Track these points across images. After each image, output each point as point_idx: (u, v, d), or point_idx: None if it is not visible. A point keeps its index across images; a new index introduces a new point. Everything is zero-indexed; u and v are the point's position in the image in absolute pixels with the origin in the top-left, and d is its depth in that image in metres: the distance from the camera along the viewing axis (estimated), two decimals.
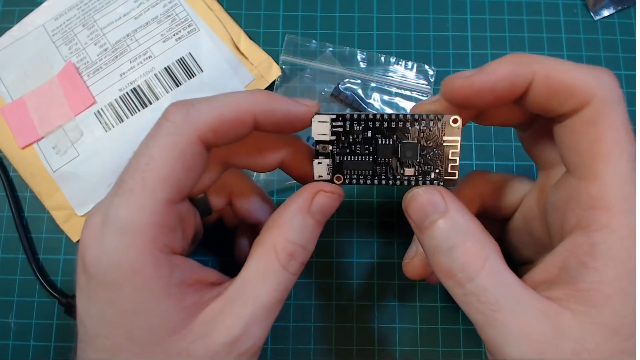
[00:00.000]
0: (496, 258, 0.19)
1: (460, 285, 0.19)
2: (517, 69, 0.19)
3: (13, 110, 0.34)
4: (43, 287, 0.31)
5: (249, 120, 0.20)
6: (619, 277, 0.17)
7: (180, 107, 0.19)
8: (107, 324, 0.18)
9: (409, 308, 0.32)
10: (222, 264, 0.32)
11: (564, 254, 0.18)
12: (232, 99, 0.20)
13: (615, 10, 0.36)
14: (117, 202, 0.18)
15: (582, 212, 0.18)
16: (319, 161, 0.22)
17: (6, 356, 0.31)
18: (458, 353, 0.31)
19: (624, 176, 0.17)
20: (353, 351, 0.31)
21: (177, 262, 0.19)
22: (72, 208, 0.33)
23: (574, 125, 0.19)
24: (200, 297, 0.19)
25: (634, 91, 0.35)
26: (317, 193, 0.21)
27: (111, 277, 0.18)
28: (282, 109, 0.20)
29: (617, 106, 0.18)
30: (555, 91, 0.18)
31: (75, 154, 0.33)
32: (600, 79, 0.18)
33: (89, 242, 0.19)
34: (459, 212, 0.20)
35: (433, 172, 0.21)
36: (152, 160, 0.19)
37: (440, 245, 0.19)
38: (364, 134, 0.22)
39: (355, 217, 0.33)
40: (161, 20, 0.35)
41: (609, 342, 0.17)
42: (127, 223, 0.18)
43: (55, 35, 0.35)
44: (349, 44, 0.36)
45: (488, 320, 0.18)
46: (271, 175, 0.33)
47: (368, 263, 0.32)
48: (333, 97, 0.34)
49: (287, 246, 0.20)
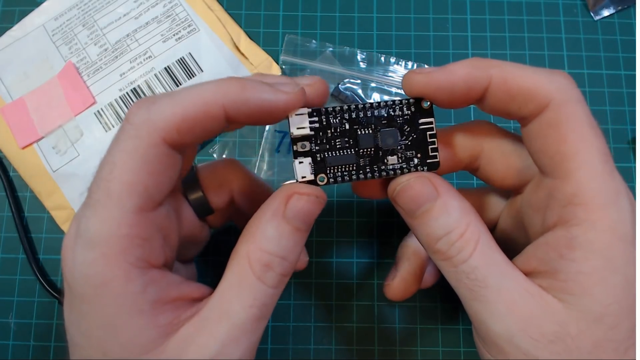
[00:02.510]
0: (486, 238, 0.19)
1: (454, 265, 0.19)
2: (474, 72, 0.19)
3: (13, 110, 0.34)
4: (43, 287, 0.31)
5: (218, 115, 0.18)
6: (598, 268, 0.17)
7: (141, 106, 0.18)
8: (83, 335, 0.18)
9: (409, 308, 0.32)
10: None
11: (544, 247, 0.19)
12: (198, 93, 0.18)
13: (615, 10, 0.36)
14: (87, 213, 0.18)
15: (561, 209, 0.18)
16: (300, 161, 0.20)
17: (6, 356, 0.31)
18: (458, 353, 0.31)
19: (596, 170, 0.18)
20: (353, 351, 0.31)
21: (154, 277, 0.18)
22: (72, 208, 0.33)
23: (537, 129, 0.19)
24: (177, 315, 0.18)
25: (633, 91, 0.35)
26: (290, 196, 0.19)
27: (82, 289, 0.17)
28: (256, 98, 0.18)
29: (576, 105, 0.18)
30: (513, 95, 0.19)
31: (75, 154, 0.33)
32: (557, 81, 0.19)
33: (64, 253, 0.18)
34: (450, 196, 0.20)
35: (415, 157, 0.21)
36: (115, 168, 0.17)
37: (435, 232, 0.20)
38: (341, 126, 0.21)
39: (355, 217, 0.33)
40: (161, 20, 0.35)
41: (593, 329, 0.17)
42: (95, 235, 0.17)
43: (55, 35, 0.35)
44: (349, 44, 0.36)
45: (475, 295, 0.18)
46: (271, 176, 0.33)
47: (368, 263, 0.32)
48: (333, 97, 0.34)
49: (261, 256, 0.18)
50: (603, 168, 0.18)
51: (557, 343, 0.17)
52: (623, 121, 0.35)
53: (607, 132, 0.34)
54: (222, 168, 0.25)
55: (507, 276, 0.18)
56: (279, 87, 0.19)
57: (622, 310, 0.17)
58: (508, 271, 0.19)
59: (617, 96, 0.35)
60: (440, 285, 0.28)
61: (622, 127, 0.34)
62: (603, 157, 0.18)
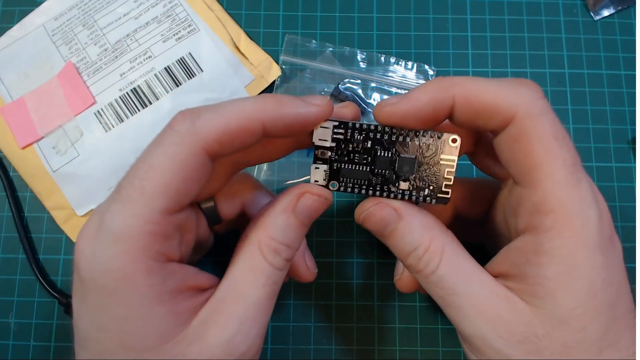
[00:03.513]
0: (451, 248, 0.21)
1: (425, 277, 0.21)
2: (436, 95, 0.20)
3: (13, 110, 0.34)
4: (43, 287, 0.31)
5: (257, 129, 0.20)
6: (561, 273, 0.18)
7: (187, 117, 0.19)
8: (100, 329, 0.18)
9: (409, 308, 0.32)
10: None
11: (514, 252, 0.20)
12: (239, 108, 0.19)
13: (615, 10, 0.36)
14: (114, 208, 0.18)
15: (529, 217, 0.19)
16: (317, 166, 0.22)
17: (6, 356, 0.31)
18: (458, 353, 0.31)
19: (562, 181, 0.18)
20: (353, 351, 0.31)
21: (172, 269, 0.19)
22: (72, 208, 0.33)
23: (505, 141, 0.20)
24: (193, 302, 0.19)
25: (633, 91, 0.35)
26: (303, 194, 0.21)
27: (103, 282, 0.18)
28: (292, 113, 0.20)
29: (541, 117, 0.19)
30: (477, 111, 0.20)
31: (75, 154, 0.33)
32: (521, 94, 0.19)
33: (83, 246, 0.19)
34: (412, 215, 0.21)
35: (427, 188, 0.22)
36: (152, 169, 0.18)
37: (403, 249, 0.21)
38: (364, 143, 0.22)
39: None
40: (161, 20, 0.35)
41: (560, 331, 0.18)
42: (121, 230, 0.18)
43: (55, 35, 0.35)
44: (349, 44, 0.36)
45: (446, 302, 0.20)
46: (271, 176, 0.33)
47: (368, 263, 0.32)
48: (333, 97, 0.34)
49: (271, 243, 0.21)
50: (569, 178, 0.18)
51: (526, 343, 0.18)
52: (623, 121, 0.35)
53: (607, 132, 0.34)
54: (235, 179, 0.25)
55: (474, 281, 0.20)
56: (309, 100, 0.21)
57: (588, 313, 0.18)
58: (475, 276, 0.20)
59: (617, 96, 0.35)
60: None
61: (622, 127, 0.34)
62: (569, 167, 0.19)
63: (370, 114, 0.34)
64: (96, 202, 0.33)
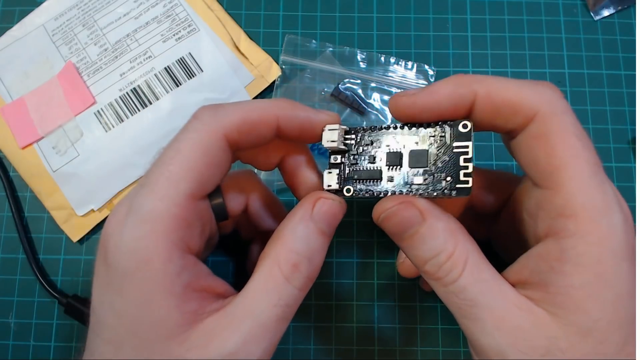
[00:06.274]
0: (475, 257, 0.19)
1: (444, 285, 0.19)
2: (458, 89, 0.19)
3: (13, 110, 0.34)
4: (43, 287, 0.31)
5: (272, 124, 0.21)
6: (588, 282, 0.17)
7: (209, 108, 0.21)
8: (115, 313, 0.19)
9: (409, 308, 0.32)
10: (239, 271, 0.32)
11: (536, 259, 0.19)
12: (258, 103, 0.21)
13: (615, 10, 0.36)
14: (142, 192, 0.19)
15: (551, 221, 0.18)
16: (329, 171, 0.22)
17: (6, 356, 0.31)
18: (458, 353, 0.31)
19: (586, 183, 0.18)
20: (353, 351, 0.31)
21: (189, 262, 0.19)
22: (72, 208, 0.33)
23: (525, 141, 0.19)
24: (202, 306, 0.19)
25: (633, 91, 0.35)
26: (317, 200, 0.21)
27: (126, 264, 0.18)
28: (304, 115, 0.21)
29: (563, 117, 0.18)
30: (498, 109, 0.19)
31: (75, 154, 0.33)
32: (543, 93, 0.19)
33: (111, 230, 0.19)
34: (436, 218, 0.20)
35: (444, 180, 0.20)
36: (178, 154, 0.19)
37: (422, 254, 0.20)
38: (373, 143, 0.22)
39: (355, 218, 0.33)
40: (161, 20, 0.35)
41: (583, 343, 0.17)
42: (149, 211, 0.18)
43: (55, 35, 0.35)
44: (349, 44, 0.36)
45: (464, 313, 0.19)
46: (271, 175, 0.33)
47: (368, 263, 0.32)
48: (333, 97, 0.34)
49: (290, 256, 0.20)
50: (593, 180, 0.18)
51: (548, 357, 0.17)
52: (623, 121, 0.35)
53: (607, 132, 0.34)
54: (241, 177, 0.26)
55: (496, 293, 0.19)
56: (320, 111, 0.22)
57: (610, 325, 0.17)
58: (497, 288, 0.19)
59: (617, 96, 0.35)
60: None
61: (622, 127, 0.34)
62: (593, 168, 0.18)
63: (370, 113, 0.34)
64: (96, 202, 0.33)
